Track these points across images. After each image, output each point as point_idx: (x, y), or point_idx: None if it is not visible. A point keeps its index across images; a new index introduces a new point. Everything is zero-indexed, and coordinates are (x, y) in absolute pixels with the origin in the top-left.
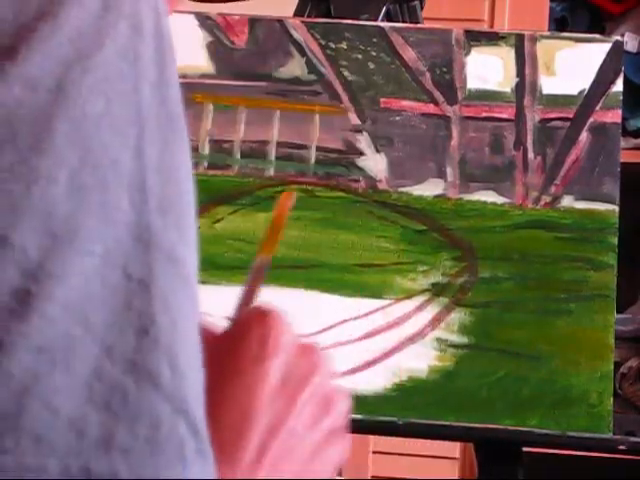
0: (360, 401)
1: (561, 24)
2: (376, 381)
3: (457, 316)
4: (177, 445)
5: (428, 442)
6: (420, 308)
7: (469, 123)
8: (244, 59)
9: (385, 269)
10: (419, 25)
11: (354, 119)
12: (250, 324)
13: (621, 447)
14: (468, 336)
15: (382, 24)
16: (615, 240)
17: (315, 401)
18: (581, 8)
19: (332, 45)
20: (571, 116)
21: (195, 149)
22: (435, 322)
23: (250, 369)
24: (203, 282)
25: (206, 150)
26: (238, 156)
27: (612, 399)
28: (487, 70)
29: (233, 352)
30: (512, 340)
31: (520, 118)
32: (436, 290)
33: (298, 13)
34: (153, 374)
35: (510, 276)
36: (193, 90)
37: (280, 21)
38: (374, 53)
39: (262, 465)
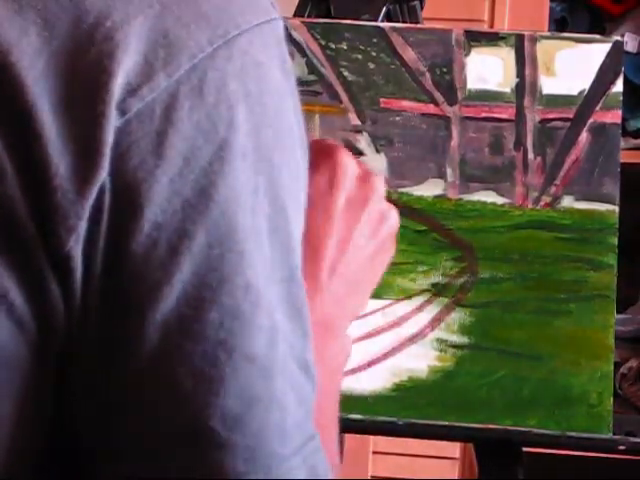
0: (360, 401)
1: (561, 24)
2: (376, 381)
3: (457, 316)
4: None
5: (428, 442)
6: (420, 308)
7: (469, 123)
8: None
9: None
10: (419, 25)
11: (354, 119)
12: (318, 159)
13: (621, 447)
14: (468, 336)
15: (382, 24)
16: (615, 240)
17: (373, 218)
18: (581, 8)
19: (332, 45)
20: (571, 116)
21: None
22: (435, 322)
23: (321, 201)
24: None
25: None
26: None
27: (612, 399)
28: (487, 70)
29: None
30: (512, 340)
31: (520, 118)
32: (436, 290)
33: (298, 13)
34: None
35: (510, 276)
36: None
37: None
38: (374, 53)
39: (335, 273)
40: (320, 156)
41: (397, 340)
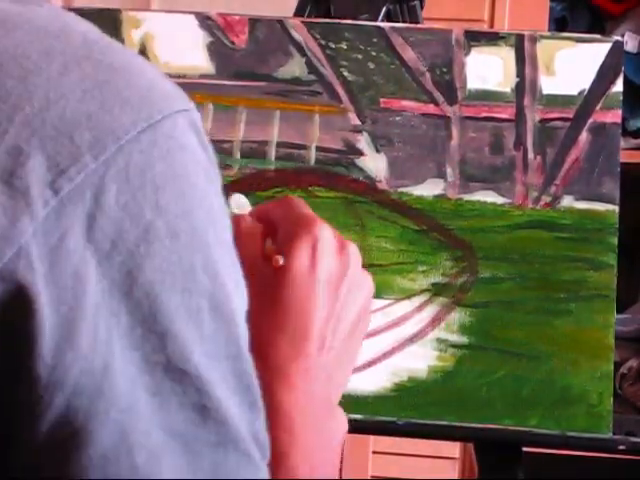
0: (360, 401)
1: (561, 24)
2: (376, 381)
3: (457, 316)
4: None
5: (428, 442)
6: (420, 308)
7: (469, 123)
8: (244, 59)
9: (385, 269)
10: (419, 25)
11: (354, 119)
12: (297, 234)
13: (621, 447)
14: (468, 336)
15: (382, 24)
16: (615, 240)
17: (352, 287)
18: (581, 8)
19: (332, 45)
20: (571, 116)
21: None
22: (435, 322)
23: (303, 279)
24: None
25: None
26: (238, 156)
27: (612, 399)
28: (487, 70)
29: (287, 258)
30: (512, 340)
31: (520, 118)
32: (436, 290)
33: (298, 13)
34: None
35: (510, 276)
36: (193, 90)
37: (280, 21)
38: (374, 53)
39: (324, 348)
40: (299, 230)
41: (397, 340)
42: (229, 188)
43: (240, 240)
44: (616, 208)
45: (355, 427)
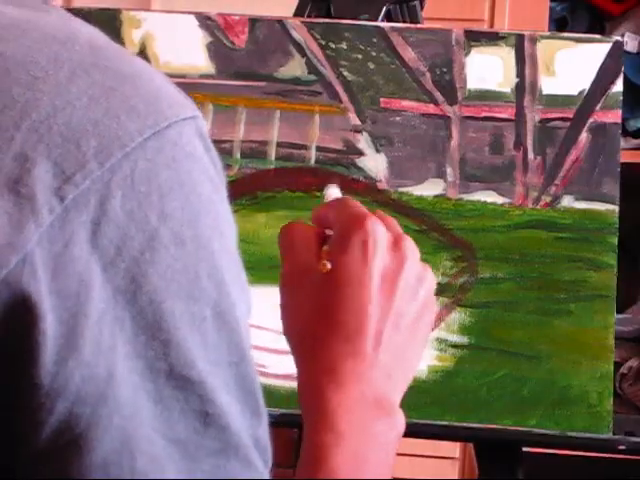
0: None
1: (561, 24)
2: None
3: (457, 316)
4: None
5: (428, 442)
6: None
7: (469, 123)
8: (244, 59)
9: None
10: (419, 25)
11: (354, 119)
12: (348, 232)
13: (621, 447)
14: (468, 336)
15: (382, 24)
16: (615, 240)
17: (410, 282)
18: (581, 8)
19: (332, 45)
20: (571, 116)
21: None
22: (435, 322)
23: (356, 276)
24: None
25: None
26: (238, 156)
27: (612, 399)
28: (487, 70)
29: (339, 257)
30: (512, 340)
31: (520, 118)
32: (436, 290)
33: (298, 13)
34: None
35: (510, 276)
36: (193, 90)
37: (280, 21)
38: (374, 53)
39: (380, 347)
40: (350, 229)
41: None
42: (229, 188)
43: (294, 249)
44: (616, 208)
45: None
